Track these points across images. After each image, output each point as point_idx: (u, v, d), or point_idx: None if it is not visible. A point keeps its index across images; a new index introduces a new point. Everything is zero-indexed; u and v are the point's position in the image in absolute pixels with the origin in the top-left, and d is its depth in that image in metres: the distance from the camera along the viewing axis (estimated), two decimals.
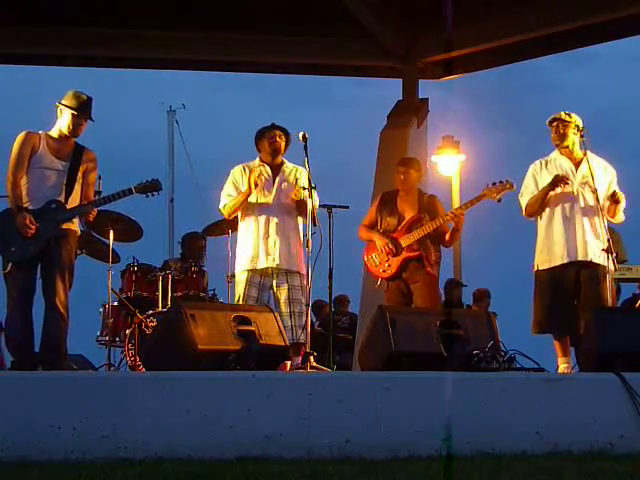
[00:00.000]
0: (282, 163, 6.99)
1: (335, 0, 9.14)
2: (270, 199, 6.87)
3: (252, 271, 6.81)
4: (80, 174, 6.29)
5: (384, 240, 7.14)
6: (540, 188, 6.71)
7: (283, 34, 9.99)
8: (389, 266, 7.12)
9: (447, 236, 7.17)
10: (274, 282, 6.82)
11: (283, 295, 6.77)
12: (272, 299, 6.86)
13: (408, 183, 7.29)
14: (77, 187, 6.27)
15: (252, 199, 6.87)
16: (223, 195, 7.01)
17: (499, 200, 6.95)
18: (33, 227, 6.07)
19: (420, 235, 7.07)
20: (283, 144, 6.95)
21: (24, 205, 6.14)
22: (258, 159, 7.03)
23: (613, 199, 6.63)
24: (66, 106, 6.22)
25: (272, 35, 10.01)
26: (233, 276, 8.58)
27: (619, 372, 5.29)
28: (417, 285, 7.10)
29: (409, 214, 7.20)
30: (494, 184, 6.94)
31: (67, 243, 6.20)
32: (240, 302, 6.77)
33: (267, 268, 6.79)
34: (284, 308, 6.74)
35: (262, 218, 6.85)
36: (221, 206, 7.02)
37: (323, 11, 9.60)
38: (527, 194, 6.80)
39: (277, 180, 6.92)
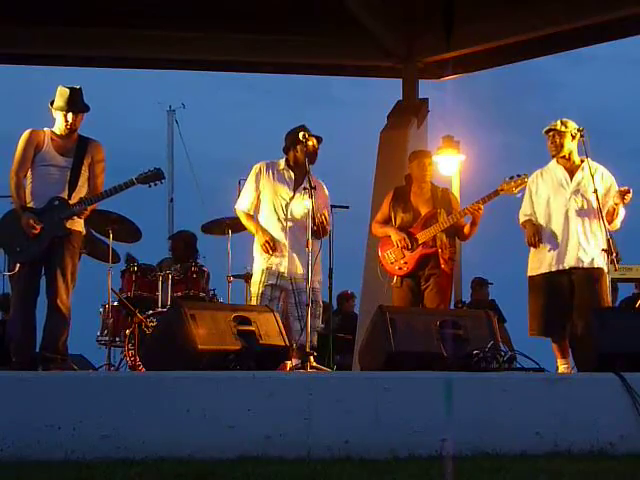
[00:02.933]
0: (307, 173, 6.60)
1: (335, 0, 9.14)
2: (289, 207, 6.74)
3: (269, 272, 6.73)
4: (85, 167, 6.23)
5: (400, 235, 7.03)
6: (533, 199, 6.79)
7: (283, 34, 9.99)
8: (405, 263, 7.02)
9: (465, 230, 7.12)
10: (292, 286, 6.71)
11: (301, 299, 6.67)
12: (291, 301, 6.76)
13: (431, 174, 7.27)
14: (82, 181, 6.22)
15: (271, 205, 6.77)
16: (242, 197, 6.91)
17: (517, 194, 6.92)
18: (37, 227, 6.07)
19: (437, 231, 6.99)
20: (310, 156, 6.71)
21: (28, 204, 6.13)
22: (284, 161, 6.84)
23: (623, 195, 6.57)
24: (54, 109, 6.20)
25: (272, 35, 10.01)
26: (233, 276, 8.63)
27: (619, 372, 5.30)
28: (429, 281, 7.02)
29: (424, 209, 7.12)
30: (511, 178, 6.87)
31: (71, 244, 6.19)
32: (255, 302, 6.71)
33: (284, 273, 6.72)
34: (298, 312, 6.68)
35: (280, 225, 6.75)
36: (236, 207, 6.94)
37: (323, 11, 9.61)
38: (522, 211, 6.89)
39: (298, 190, 6.74)
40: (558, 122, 6.73)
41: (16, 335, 6.13)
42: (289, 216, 6.75)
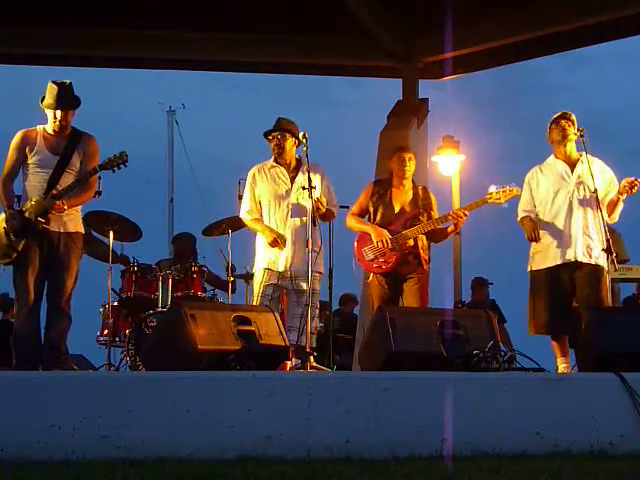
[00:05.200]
0: (300, 163, 6.78)
1: (335, 0, 9.14)
2: (288, 203, 6.78)
3: (270, 271, 6.76)
4: (76, 161, 6.17)
5: (382, 235, 6.89)
6: (534, 194, 6.79)
7: (283, 34, 9.99)
8: (385, 261, 6.90)
9: (442, 234, 7.08)
10: (293, 285, 6.75)
11: (300, 299, 6.69)
12: (292, 300, 6.79)
13: (411, 171, 7.07)
14: (68, 177, 6.14)
15: (269, 206, 6.81)
16: (243, 204, 6.97)
17: (505, 204, 6.87)
18: (16, 220, 6.07)
19: (420, 232, 6.91)
20: (286, 144, 6.80)
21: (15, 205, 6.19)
22: (272, 160, 6.91)
23: (631, 186, 6.55)
24: (44, 106, 6.16)
25: (272, 35, 10.00)
26: (234, 276, 8.63)
27: (619, 372, 5.30)
28: (410, 282, 6.95)
29: (405, 208, 7.02)
30: (500, 188, 6.80)
31: (74, 244, 6.20)
32: (256, 301, 6.73)
33: (285, 271, 6.74)
34: (299, 311, 6.69)
35: (280, 223, 6.77)
36: (241, 215, 7.02)
37: (323, 11, 9.60)
38: (521, 207, 6.88)
39: (295, 183, 6.79)
40: (569, 112, 6.75)
41: (21, 336, 6.13)
42: (287, 213, 6.78)
